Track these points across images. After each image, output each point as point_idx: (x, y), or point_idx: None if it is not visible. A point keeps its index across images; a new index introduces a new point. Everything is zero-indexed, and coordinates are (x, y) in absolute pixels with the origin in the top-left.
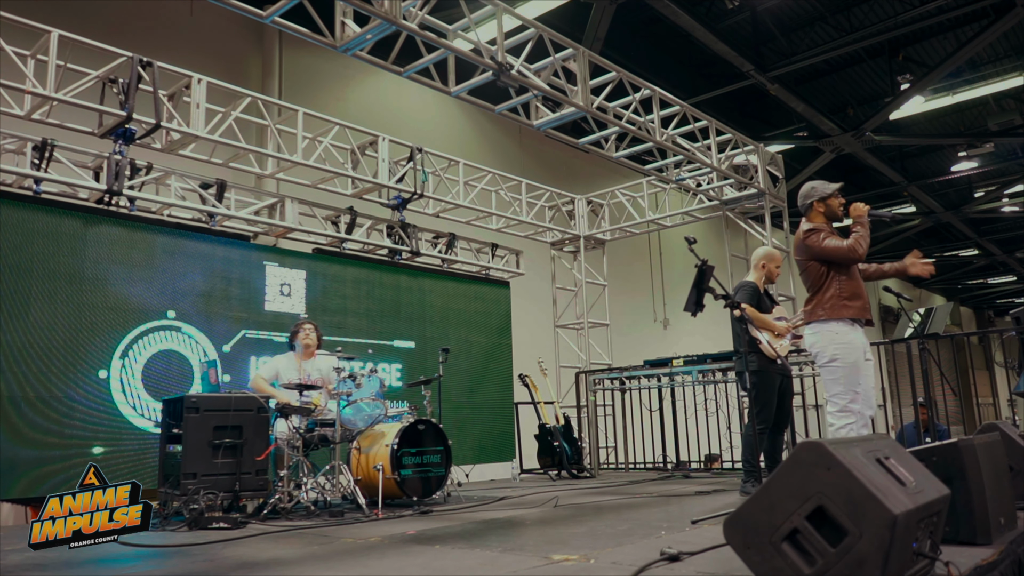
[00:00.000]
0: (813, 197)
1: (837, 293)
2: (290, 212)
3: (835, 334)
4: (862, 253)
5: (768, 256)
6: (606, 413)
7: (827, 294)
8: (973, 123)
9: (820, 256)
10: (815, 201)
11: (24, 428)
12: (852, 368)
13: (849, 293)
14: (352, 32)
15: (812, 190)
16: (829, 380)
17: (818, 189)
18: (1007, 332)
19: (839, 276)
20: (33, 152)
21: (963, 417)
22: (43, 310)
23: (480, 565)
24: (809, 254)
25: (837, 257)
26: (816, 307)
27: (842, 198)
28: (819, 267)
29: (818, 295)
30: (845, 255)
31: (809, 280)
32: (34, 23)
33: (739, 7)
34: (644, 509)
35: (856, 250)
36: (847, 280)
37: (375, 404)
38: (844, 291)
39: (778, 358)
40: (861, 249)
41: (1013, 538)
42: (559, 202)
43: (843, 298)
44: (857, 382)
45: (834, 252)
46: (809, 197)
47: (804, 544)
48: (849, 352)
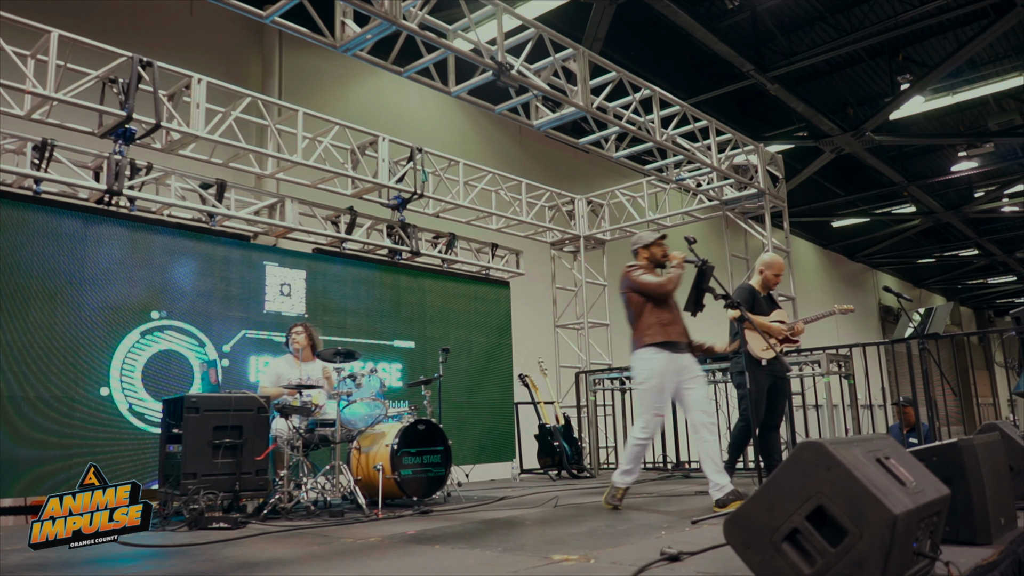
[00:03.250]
0: (639, 244)
1: (652, 322)
2: (290, 212)
3: (644, 360)
4: (671, 289)
5: (768, 263)
6: (606, 413)
7: (642, 323)
8: (973, 123)
9: (637, 288)
10: (640, 248)
11: (24, 428)
12: (655, 391)
13: (666, 321)
14: (352, 32)
15: (639, 238)
16: (637, 400)
17: (644, 238)
18: (1007, 332)
19: (655, 308)
20: (33, 152)
21: (963, 417)
22: (43, 310)
23: (480, 565)
24: (628, 286)
25: (651, 290)
26: (634, 335)
27: (665, 246)
28: (638, 298)
29: (637, 323)
30: (655, 289)
31: (630, 311)
32: (34, 23)
33: (739, 7)
34: (644, 509)
35: (665, 286)
36: (662, 311)
37: (375, 404)
38: (660, 320)
39: (762, 360)
40: (671, 286)
41: (1013, 538)
42: (559, 202)
43: (658, 325)
44: (660, 403)
45: (647, 286)
46: (636, 244)
47: (804, 544)
48: (652, 376)
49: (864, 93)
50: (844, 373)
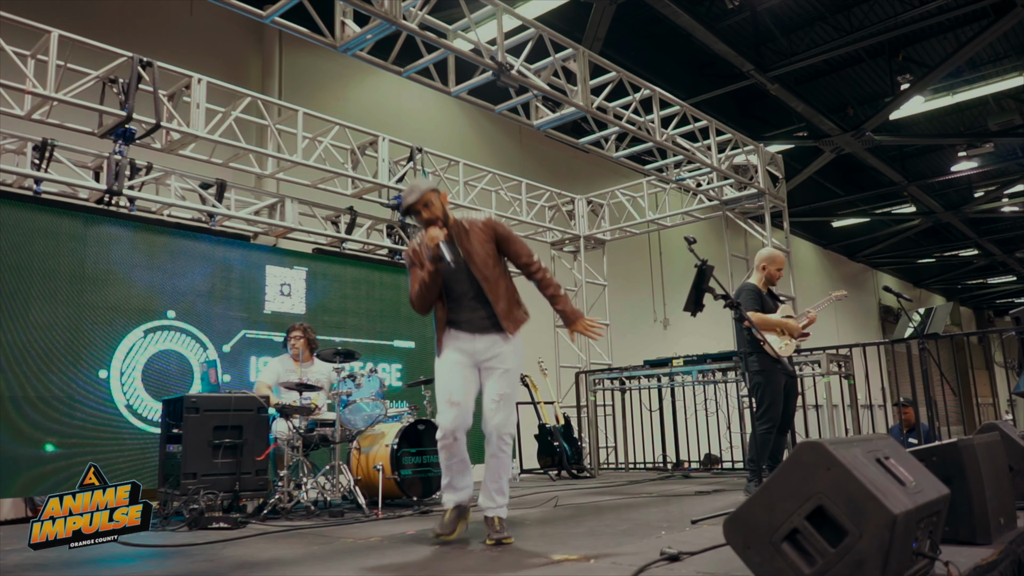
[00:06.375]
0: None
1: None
2: (290, 212)
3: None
4: (412, 297)
5: (769, 258)
6: (606, 413)
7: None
8: (973, 123)
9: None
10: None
11: (24, 428)
12: (439, 376)
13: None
14: (352, 32)
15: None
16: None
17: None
18: (1007, 332)
19: (439, 303)
20: (33, 152)
21: (963, 417)
22: (43, 310)
23: (480, 565)
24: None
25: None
26: (520, 313)
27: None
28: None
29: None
30: (411, 301)
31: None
32: (34, 23)
33: (739, 7)
34: (644, 509)
35: (411, 298)
36: (445, 304)
37: (375, 404)
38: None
39: (780, 359)
40: (411, 292)
41: (1013, 538)
42: (559, 202)
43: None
44: (444, 383)
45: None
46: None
47: (804, 544)
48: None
49: (864, 93)
50: (844, 373)
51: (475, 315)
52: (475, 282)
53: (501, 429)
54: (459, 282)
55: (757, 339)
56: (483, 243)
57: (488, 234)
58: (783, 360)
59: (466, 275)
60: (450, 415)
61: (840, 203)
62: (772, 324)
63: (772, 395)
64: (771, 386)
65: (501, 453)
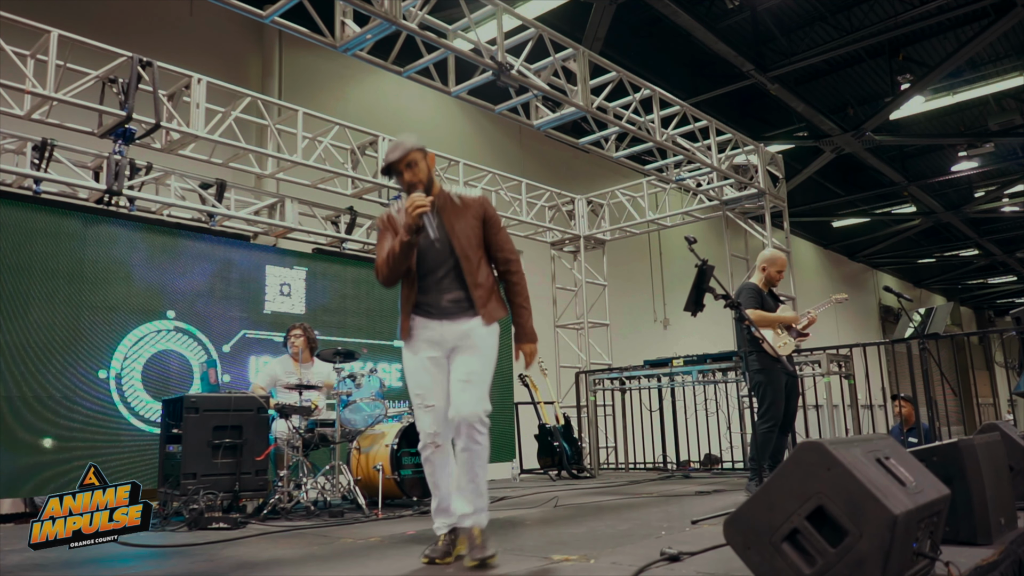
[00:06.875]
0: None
1: (403, 296)
2: (290, 212)
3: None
4: (378, 265)
5: (770, 260)
6: (606, 413)
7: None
8: (973, 123)
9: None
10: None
11: (23, 428)
12: (409, 375)
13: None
14: (352, 32)
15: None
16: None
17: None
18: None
19: (406, 280)
20: (33, 152)
21: (963, 417)
22: (43, 310)
23: (480, 565)
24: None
25: (377, 266)
26: (498, 301)
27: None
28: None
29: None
30: (376, 269)
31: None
32: (34, 23)
33: (739, 7)
34: (644, 509)
35: (377, 266)
36: (414, 281)
37: (375, 404)
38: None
39: (780, 357)
40: (377, 260)
41: (1013, 538)
42: (559, 202)
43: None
44: (415, 384)
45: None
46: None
47: (804, 544)
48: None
49: (864, 93)
50: (844, 373)
51: (448, 297)
52: (455, 259)
53: (472, 413)
54: (435, 258)
55: (757, 338)
56: (470, 221)
57: (478, 213)
58: (782, 359)
59: (447, 251)
60: (427, 419)
61: (840, 203)
62: (770, 320)
63: (774, 394)
64: (772, 385)
65: (475, 444)
